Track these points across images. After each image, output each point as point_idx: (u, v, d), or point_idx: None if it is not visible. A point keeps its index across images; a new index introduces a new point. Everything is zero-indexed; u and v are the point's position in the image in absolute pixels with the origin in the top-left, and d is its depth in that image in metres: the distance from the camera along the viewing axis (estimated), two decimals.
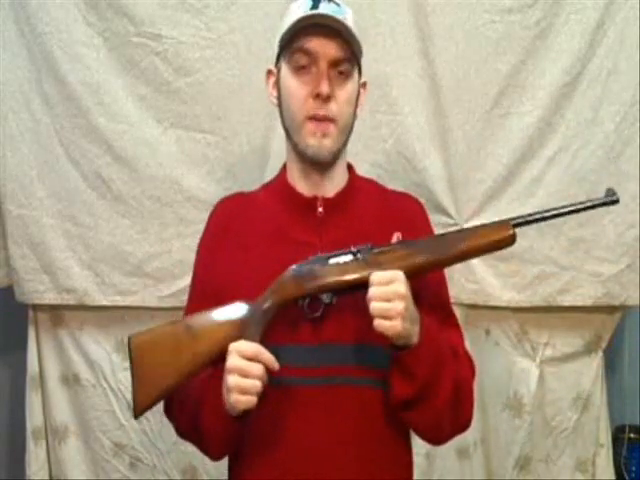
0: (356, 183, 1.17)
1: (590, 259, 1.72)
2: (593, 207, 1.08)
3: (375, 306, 0.95)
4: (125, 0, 1.65)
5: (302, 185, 1.13)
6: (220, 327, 1.01)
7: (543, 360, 1.81)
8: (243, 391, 0.95)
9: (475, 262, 1.72)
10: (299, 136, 1.08)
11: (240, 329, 1.00)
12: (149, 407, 1.03)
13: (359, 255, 1.01)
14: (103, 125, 1.68)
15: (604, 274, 1.72)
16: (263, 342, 0.99)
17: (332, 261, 1.02)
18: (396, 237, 1.04)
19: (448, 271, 1.20)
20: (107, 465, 1.82)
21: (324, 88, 1.04)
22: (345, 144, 1.12)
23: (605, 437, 1.83)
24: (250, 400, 0.96)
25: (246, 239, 1.12)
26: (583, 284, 1.73)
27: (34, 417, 1.81)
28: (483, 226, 1.05)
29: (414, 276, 1.00)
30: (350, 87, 1.09)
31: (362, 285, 0.98)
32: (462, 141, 1.70)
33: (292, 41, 1.06)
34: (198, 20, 1.67)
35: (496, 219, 1.07)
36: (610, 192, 1.07)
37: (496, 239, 1.03)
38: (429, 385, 1.00)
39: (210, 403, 1.02)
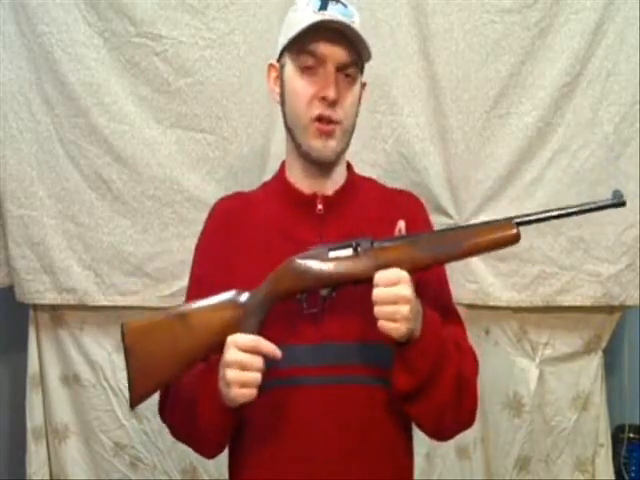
0: (355, 181, 1.17)
1: (590, 259, 1.72)
2: (599, 209, 1.05)
3: (380, 309, 0.94)
4: (125, 0, 1.65)
5: (302, 183, 1.13)
6: (216, 317, 1.00)
7: (543, 360, 1.81)
8: (243, 385, 0.95)
9: (475, 262, 1.72)
10: (303, 137, 1.08)
11: (237, 320, 0.99)
12: (145, 398, 1.02)
13: (360, 249, 0.99)
14: (103, 125, 1.69)
15: (604, 274, 1.72)
16: (261, 334, 0.98)
17: (332, 254, 1.00)
18: (399, 228, 1.03)
19: (448, 270, 1.20)
20: (107, 465, 1.82)
21: (331, 93, 1.04)
22: (348, 144, 1.13)
23: (605, 437, 1.83)
24: (251, 393, 0.95)
25: (246, 237, 1.12)
26: (583, 284, 1.73)
27: (34, 417, 1.81)
28: (487, 224, 1.03)
29: (416, 272, 0.98)
30: (355, 90, 1.10)
31: (362, 281, 0.98)
32: (462, 141, 1.70)
33: (300, 42, 1.06)
34: (198, 20, 1.67)
35: (499, 217, 1.05)
36: (617, 194, 1.04)
37: (500, 238, 1.01)
38: (431, 378, 0.99)
39: (206, 396, 1.01)
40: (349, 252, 1.00)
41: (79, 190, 1.72)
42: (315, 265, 1.00)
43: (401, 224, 1.03)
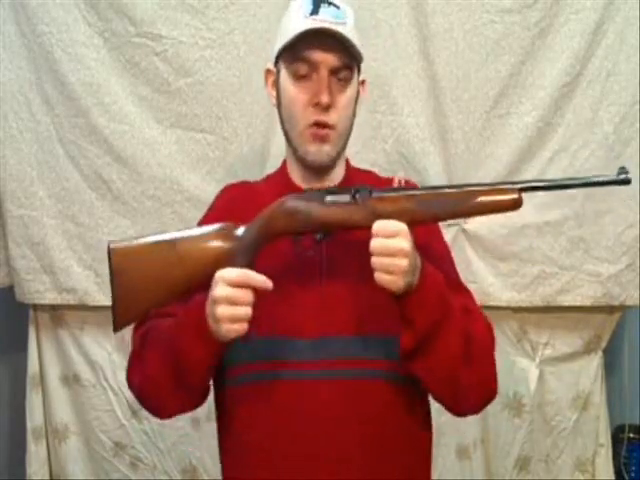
0: (352, 177, 1.16)
1: (590, 259, 1.72)
2: (603, 184, 1.03)
3: (377, 260, 0.92)
4: (125, 0, 1.65)
5: (301, 181, 1.14)
6: (207, 247, 0.98)
7: (543, 360, 1.81)
8: (234, 320, 0.92)
9: (475, 262, 1.72)
10: (299, 142, 1.08)
11: (228, 252, 0.97)
12: (129, 323, 1.00)
13: (358, 197, 0.98)
14: (103, 125, 1.69)
15: (604, 274, 1.72)
16: (252, 268, 0.95)
17: (329, 199, 0.99)
18: (397, 180, 1.02)
19: None
20: (107, 465, 1.82)
21: (324, 98, 1.04)
22: (344, 147, 1.13)
23: (605, 437, 1.83)
24: (242, 327, 0.93)
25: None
26: (583, 284, 1.73)
27: (34, 417, 1.82)
28: (489, 185, 1.01)
29: (415, 226, 0.96)
30: (349, 92, 1.09)
31: (357, 228, 0.96)
32: (462, 141, 1.70)
33: (292, 49, 1.06)
34: (198, 20, 1.67)
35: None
36: (622, 170, 1.00)
37: (501, 201, 0.98)
38: (432, 332, 0.96)
39: (192, 331, 0.97)
40: (346, 199, 0.98)
41: (79, 190, 1.72)
42: (310, 207, 0.98)
43: (400, 175, 1.03)
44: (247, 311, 0.93)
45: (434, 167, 1.70)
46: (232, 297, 0.92)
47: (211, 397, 1.10)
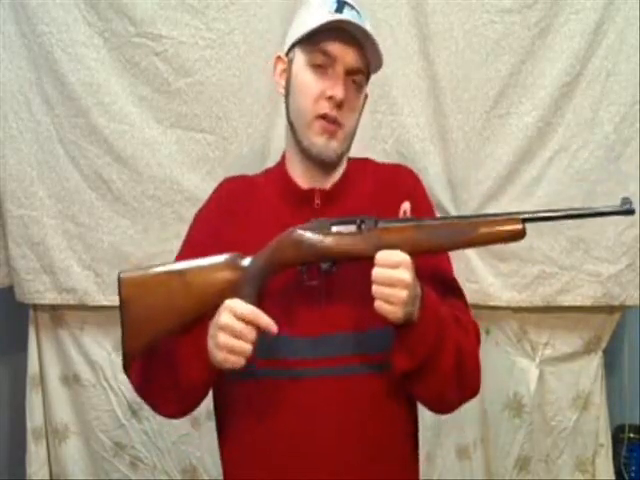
0: (351, 172, 1.16)
1: (590, 259, 1.72)
2: (606, 214, 1.04)
3: (378, 289, 0.93)
4: (125, 0, 1.65)
5: (300, 177, 1.13)
6: (215, 277, 0.99)
7: (543, 360, 1.81)
8: (233, 352, 0.94)
9: (475, 262, 1.72)
10: (305, 133, 1.07)
11: (235, 283, 0.98)
12: (137, 353, 1.01)
13: (363, 227, 0.99)
14: (103, 125, 1.69)
15: (604, 274, 1.72)
16: (260, 304, 0.97)
17: (334, 229, 1.00)
18: (403, 210, 1.02)
19: None
20: (107, 465, 1.82)
21: (339, 92, 1.04)
22: (348, 149, 1.13)
23: (605, 437, 1.83)
24: (238, 361, 0.95)
25: (245, 222, 1.11)
26: (583, 284, 1.73)
27: (34, 417, 1.82)
28: (494, 216, 1.02)
29: (418, 256, 0.97)
30: (360, 97, 1.10)
31: (363, 259, 0.97)
32: (462, 141, 1.70)
33: (313, 39, 1.06)
34: (198, 20, 1.67)
35: (505, 211, 1.04)
36: (626, 200, 1.01)
37: (505, 232, 1.00)
38: (430, 358, 0.98)
39: (190, 346, 0.99)
40: (352, 228, 1.00)
41: (79, 190, 1.72)
42: (316, 238, 0.99)
43: (406, 205, 1.03)
44: (247, 348, 0.94)
45: (434, 167, 1.70)
46: (237, 330, 0.94)
47: (210, 397, 1.10)
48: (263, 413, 1.04)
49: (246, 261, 1.00)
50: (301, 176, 1.13)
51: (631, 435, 1.90)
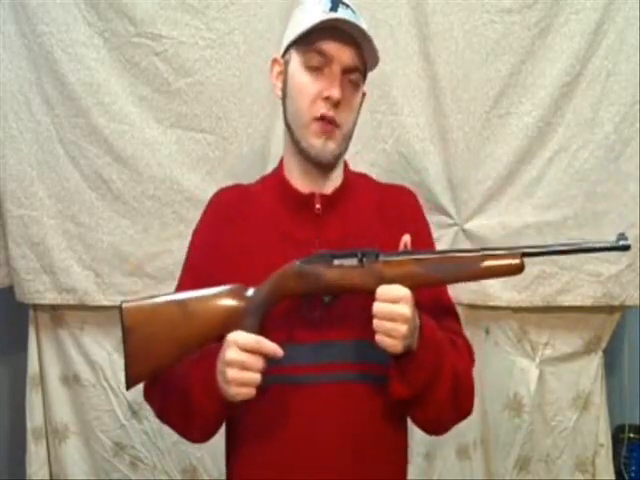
0: (351, 180, 1.17)
1: (590, 259, 1.72)
2: (603, 250, 1.07)
3: (379, 324, 0.95)
4: (125, 0, 1.65)
5: (299, 181, 1.12)
6: (216, 309, 1.00)
7: (543, 360, 1.81)
8: (243, 384, 0.95)
9: None
10: (303, 135, 1.07)
11: (237, 315, 0.99)
12: (140, 380, 1.03)
13: (365, 261, 1.00)
14: (103, 125, 1.69)
15: (604, 274, 1.72)
16: (262, 333, 0.98)
17: (336, 262, 1.01)
18: (404, 243, 1.03)
19: None
20: (107, 465, 1.82)
21: (336, 93, 1.04)
22: (346, 149, 1.13)
23: (605, 437, 1.83)
24: (250, 392, 0.96)
25: (245, 231, 1.12)
26: (583, 284, 1.73)
27: (34, 417, 1.81)
28: (493, 250, 1.04)
29: (418, 289, 0.99)
30: (357, 97, 1.10)
31: (364, 292, 0.99)
32: (462, 141, 1.70)
33: (308, 39, 1.05)
34: (198, 20, 1.67)
35: (504, 246, 1.06)
36: (622, 237, 1.04)
37: (504, 266, 1.02)
38: (428, 386, 1.00)
39: (201, 383, 1.01)
40: (353, 262, 1.01)
41: (79, 190, 1.72)
42: (318, 271, 1.01)
43: (406, 239, 1.04)
44: (256, 377, 0.96)
45: (434, 167, 1.70)
46: (243, 362, 0.95)
47: None
48: (264, 419, 1.05)
49: (249, 291, 1.01)
50: (300, 180, 1.12)
51: (631, 435, 1.90)
